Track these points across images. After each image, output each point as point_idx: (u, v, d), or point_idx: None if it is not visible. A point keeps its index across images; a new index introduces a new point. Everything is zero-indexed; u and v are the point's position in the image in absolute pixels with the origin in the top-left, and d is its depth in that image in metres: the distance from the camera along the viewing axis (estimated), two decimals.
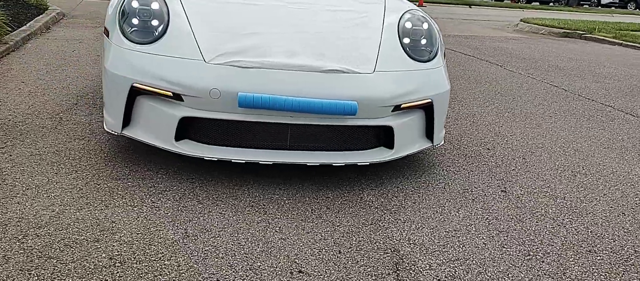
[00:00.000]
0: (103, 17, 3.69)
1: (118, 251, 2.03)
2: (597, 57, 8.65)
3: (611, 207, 2.83)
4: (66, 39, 6.50)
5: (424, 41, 3.02)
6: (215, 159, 2.59)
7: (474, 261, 2.19)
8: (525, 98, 5.26)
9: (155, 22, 2.79)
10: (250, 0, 3.08)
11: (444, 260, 2.18)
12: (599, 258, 2.31)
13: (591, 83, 6.30)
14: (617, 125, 4.51)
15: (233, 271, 1.97)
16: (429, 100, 2.81)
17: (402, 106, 2.71)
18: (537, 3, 32.88)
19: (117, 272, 1.90)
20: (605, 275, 2.18)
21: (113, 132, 2.75)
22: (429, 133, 2.93)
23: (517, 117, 4.51)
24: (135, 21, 2.80)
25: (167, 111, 2.58)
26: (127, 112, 2.69)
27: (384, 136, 2.78)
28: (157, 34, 2.74)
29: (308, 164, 2.63)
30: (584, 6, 34.65)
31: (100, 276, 1.87)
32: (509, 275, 2.12)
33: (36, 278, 1.84)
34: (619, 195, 3.00)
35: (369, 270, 2.07)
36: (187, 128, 2.63)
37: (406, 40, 2.97)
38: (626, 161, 3.60)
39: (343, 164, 2.67)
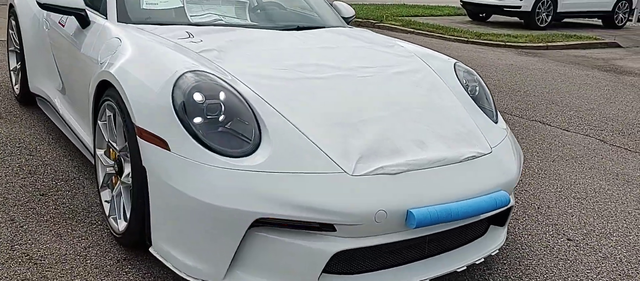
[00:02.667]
0: None
1: None
2: None
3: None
4: None
5: (477, 94, 3.00)
6: None
7: None
8: None
9: (222, 118, 2.22)
10: (314, 73, 2.71)
11: None
12: None
13: None
14: (533, 133, 5.08)
15: None
16: None
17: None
18: None
19: None
20: None
21: None
22: None
23: None
24: (198, 120, 2.19)
25: (311, 246, 2.09)
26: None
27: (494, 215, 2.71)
28: (251, 138, 2.19)
29: (458, 270, 2.44)
30: None
31: None
32: None
33: None
34: (632, 221, 3.41)
35: None
36: None
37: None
38: (590, 176, 4.09)
39: (482, 259, 2.52)
